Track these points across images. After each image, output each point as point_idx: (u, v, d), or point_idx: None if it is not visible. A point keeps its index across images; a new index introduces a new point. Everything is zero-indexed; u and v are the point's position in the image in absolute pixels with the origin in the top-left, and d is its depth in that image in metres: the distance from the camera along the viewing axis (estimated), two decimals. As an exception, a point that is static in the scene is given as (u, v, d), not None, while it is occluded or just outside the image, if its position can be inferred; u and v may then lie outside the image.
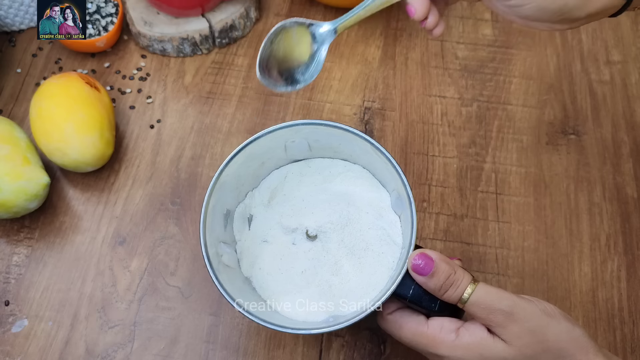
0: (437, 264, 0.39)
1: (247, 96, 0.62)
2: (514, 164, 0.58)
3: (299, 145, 0.47)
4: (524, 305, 0.38)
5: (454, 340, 0.39)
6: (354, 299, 0.43)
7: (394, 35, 0.66)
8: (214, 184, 0.43)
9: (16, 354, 0.50)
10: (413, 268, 0.39)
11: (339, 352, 0.50)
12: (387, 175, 0.44)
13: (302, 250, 0.46)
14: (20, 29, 0.66)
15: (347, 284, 0.44)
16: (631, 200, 0.56)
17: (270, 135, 0.44)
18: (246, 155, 0.45)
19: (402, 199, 0.43)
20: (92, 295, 0.52)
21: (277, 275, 0.45)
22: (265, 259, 0.46)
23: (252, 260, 0.46)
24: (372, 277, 0.44)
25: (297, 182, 0.48)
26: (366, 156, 0.45)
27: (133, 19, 0.64)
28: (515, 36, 0.65)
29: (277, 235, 0.47)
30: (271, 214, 0.48)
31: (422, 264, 0.39)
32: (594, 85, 0.62)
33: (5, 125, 0.54)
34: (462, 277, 0.39)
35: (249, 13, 0.65)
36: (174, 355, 0.50)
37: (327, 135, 0.45)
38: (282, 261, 0.46)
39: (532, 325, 0.38)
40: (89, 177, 0.58)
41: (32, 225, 0.55)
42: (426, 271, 0.39)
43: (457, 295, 0.39)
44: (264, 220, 0.48)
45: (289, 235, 0.47)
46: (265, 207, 0.48)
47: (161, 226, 0.55)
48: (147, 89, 0.63)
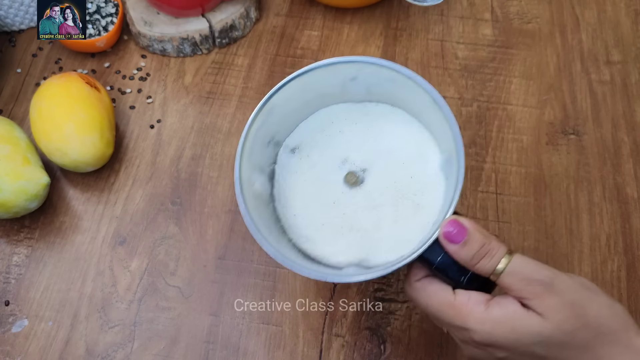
0: (471, 232, 0.36)
1: (247, 96, 0.62)
2: (514, 164, 0.58)
3: (358, 86, 0.45)
4: (563, 278, 0.36)
5: (483, 312, 0.36)
6: (385, 250, 0.42)
7: (394, 35, 0.66)
8: (262, 105, 0.41)
9: (16, 354, 0.50)
10: (445, 235, 0.37)
11: (339, 352, 0.50)
12: (443, 135, 0.42)
13: (342, 191, 0.44)
14: (20, 29, 0.66)
15: (381, 233, 0.42)
16: (631, 200, 0.56)
17: (329, 68, 0.42)
18: (301, 84, 0.43)
19: (451, 162, 0.41)
20: (92, 295, 0.52)
21: (312, 215, 0.44)
22: (303, 196, 0.45)
23: (287, 194, 0.45)
24: (407, 231, 0.42)
25: (349, 122, 0.46)
26: (426, 110, 0.43)
27: (133, 19, 0.64)
28: (515, 36, 0.65)
29: (320, 172, 0.45)
30: (317, 150, 0.46)
31: (455, 231, 0.36)
32: (594, 85, 0.62)
33: (5, 125, 0.54)
34: (498, 247, 0.36)
35: (249, 13, 0.65)
36: (174, 355, 0.50)
37: (387, 81, 0.43)
38: (320, 201, 0.44)
39: (572, 298, 0.35)
40: (89, 177, 0.58)
41: (32, 225, 0.55)
42: (458, 239, 0.36)
43: (492, 266, 0.36)
44: (309, 155, 0.46)
45: (332, 174, 0.45)
46: (312, 142, 0.46)
47: (161, 226, 0.55)
48: (147, 89, 0.63)
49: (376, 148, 0.45)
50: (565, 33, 0.65)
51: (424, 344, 0.50)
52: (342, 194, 0.44)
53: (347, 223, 0.43)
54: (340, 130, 0.46)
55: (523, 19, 0.66)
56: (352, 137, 0.46)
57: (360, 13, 0.67)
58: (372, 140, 0.46)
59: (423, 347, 0.50)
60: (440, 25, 0.66)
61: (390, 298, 0.52)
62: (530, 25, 0.66)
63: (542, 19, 0.66)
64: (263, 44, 0.65)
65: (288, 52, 0.65)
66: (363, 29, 0.66)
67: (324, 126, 0.47)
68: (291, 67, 0.64)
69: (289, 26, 0.67)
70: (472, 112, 0.61)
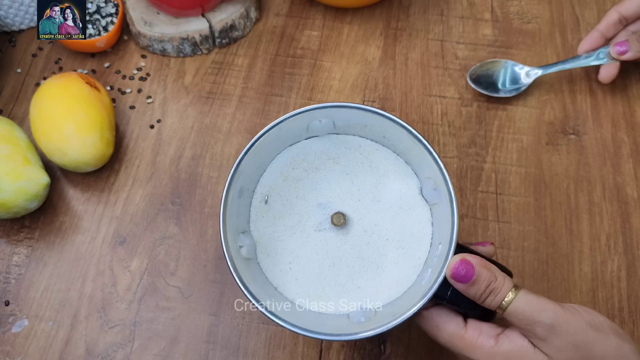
0: (478, 271, 0.37)
1: (247, 96, 0.62)
2: (514, 164, 0.58)
3: (325, 125, 0.44)
4: (567, 318, 0.36)
5: (493, 346, 0.37)
6: (381, 295, 0.42)
7: (394, 35, 0.66)
8: (232, 176, 0.40)
9: (16, 354, 0.50)
10: (453, 275, 0.37)
11: (339, 352, 0.50)
12: (420, 160, 0.42)
13: (323, 238, 0.43)
14: (20, 29, 0.66)
15: (372, 280, 0.42)
16: (631, 200, 0.56)
17: (294, 118, 0.41)
18: (267, 141, 0.42)
19: (439, 192, 0.40)
20: (92, 295, 0.52)
21: (297, 268, 0.43)
22: (284, 248, 0.43)
23: (269, 249, 0.43)
24: (398, 272, 0.42)
25: (319, 160, 0.45)
26: (399, 141, 0.43)
27: (133, 19, 0.64)
28: (515, 36, 0.65)
29: (296, 219, 0.44)
30: (290, 195, 0.44)
31: (463, 272, 0.37)
32: (594, 85, 0.62)
33: (5, 125, 0.54)
34: (503, 283, 0.37)
35: (249, 13, 0.65)
36: (174, 355, 0.50)
37: (356, 117, 0.42)
38: (306, 252, 0.43)
39: (576, 339, 0.35)
40: (89, 177, 0.58)
41: (32, 225, 0.55)
42: (467, 279, 0.37)
43: (497, 303, 0.37)
44: (283, 202, 0.44)
45: (309, 220, 0.44)
46: (284, 188, 0.44)
47: (161, 226, 0.55)
48: (147, 89, 0.63)
49: (352, 184, 0.44)
50: (565, 33, 0.65)
51: (424, 344, 0.50)
52: (327, 238, 0.43)
53: (339, 271, 0.43)
54: (316, 168, 0.45)
55: (523, 19, 0.66)
56: (326, 173, 0.45)
57: (360, 13, 0.67)
58: (347, 177, 0.45)
59: (423, 347, 0.50)
60: (440, 25, 0.66)
61: (390, 298, 0.52)
62: (530, 25, 0.66)
63: (542, 19, 0.66)
64: (263, 44, 0.65)
65: (288, 52, 0.65)
66: (363, 29, 0.66)
67: (295, 165, 0.45)
68: (291, 67, 0.64)
69: (289, 26, 0.67)
70: (472, 112, 0.61)
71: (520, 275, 0.52)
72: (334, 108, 0.41)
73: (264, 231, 0.44)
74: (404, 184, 0.44)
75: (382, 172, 0.44)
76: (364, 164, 0.45)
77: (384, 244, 0.43)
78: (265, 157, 0.44)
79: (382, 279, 0.42)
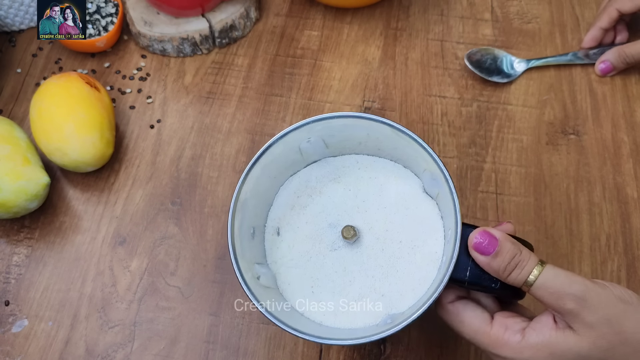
0: (502, 242, 0.35)
1: (247, 96, 0.62)
2: (514, 164, 0.58)
3: (315, 145, 0.45)
4: (597, 291, 0.34)
5: (520, 341, 0.35)
6: (406, 297, 0.41)
7: (394, 35, 0.66)
8: (234, 203, 0.41)
9: (16, 354, 0.50)
10: (475, 247, 0.36)
11: (339, 352, 0.50)
12: (415, 157, 0.42)
13: (339, 256, 0.43)
14: (20, 29, 0.66)
15: (394, 285, 0.42)
16: (631, 200, 0.56)
17: (283, 141, 0.42)
18: (262, 167, 0.42)
19: (436, 178, 0.41)
20: (92, 295, 0.52)
21: (320, 291, 0.43)
22: (303, 274, 0.44)
23: (289, 278, 0.44)
24: (418, 271, 0.42)
25: (321, 184, 0.46)
26: (387, 142, 0.43)
27: (133, 19, 0.64)
28: (515, 36, 0.65)
29: (310, 244, 0.44)
30: (300, 222, 0.45)
31: (486, 242, 0.36)
32: (594, 85, 0.62)
33: (5, 125, 0.54)
34: (528, 257, 0.36)
35: (249, 13, 0.65)
36: (174, 355, 0.50)
37: (341, 128, 0.43)
38: (320, 273, 0.43)
39: (607, 313, 0.34)
40: (89, 177, 0.58)
41: (32, 225, 0.55)
42: (490, 250, 0.35)
43: (522, 278, 0.35)
44: (295, 230, 0.45)
45: (322, 242, 0.44)
46: (293, 217, 0.45)
47: (161, 226, 0.55)
48: (147, 89, 0.63)
49: (357, 198, 0.45)
50: (565, 33, 0.65)
51: (424, 344, 0.50)
52: (342, 255, 0.43)
53: (360, 283, 0.43)
54: (319, 192, 0.46)
55: (523, 19, 0.66)
56: (330, 194, 0.45)
57: (360, 13, 0.67)
58: (350, 192, 0.45)
59: (423, 347, 0.50)
60: (440, 25, 0.66)
61: (390, 298, 0.52)
62: (530, 25, 0.66)
63: (542, 19, 0.66)
64: (263, 44, 0.65)
65: (288, 52, 0.65)
66: (363, 29, 0.66)
67: (299, 192, 0.46)
68: (291, 67, 0.64)
69: (289, 26, 0.67)
70: (472, 112, 0.61)
71: (520, 275, 0.52)
72: (314, 122, 0.42)
73: (281, 262, 0.44)
74: (406, 185, 0.44)
75: (382, 179, 0.45)
76: (364, 177, 0.46)
77: (399, 247, 0.43)
78: (269, 191, 0.45)
79: (403, 281, 0.42)
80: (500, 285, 0.37)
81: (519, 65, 0.62)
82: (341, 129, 0.43)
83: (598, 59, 0.62)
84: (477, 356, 0.49)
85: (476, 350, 0.49)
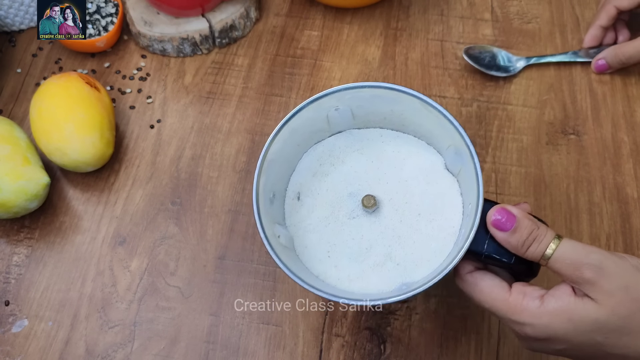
0: (520, 219, 0.36)
1: (247, 96, 0.62)
2: (514, 164, 0.58)
3: (343, 114, 0.45)
4: (614, 260, 0.35)
5: (539, 307, 0.36)
6: (420, 268, 0.42)
7: (394, 35, 0.66)
8: (261, 162, 0.42)
9: (16, 354, 0.50)
10: (494, 223, 0.37)
11: (339, 352, 0.50)
12: (440, 133, 0.43)
13: (357, 224, 0.44)
14: (20, 29, 0.66)
15: (410, 255, 0.43)
16: (631, 200, 0.56)
17: (313, 106, 0.43)
18: (290, 130, 0.43)
19: (461, 154, 0.41)
20: (92, 295, 0.52)
21: (338, 257, 0.44)
22: (320, 238, 0.44)
23: (306, 241, 0.45)
24: (434, 243, 0.42)
25: (344, 154, 0.47)
26: (413, 117, 0.44)
27: (133, 19, 0.64)
28: (515, 36, 0.65)
29: (332, 210, 0.45)
30: (321, 189, 0.46)
31: (504, 219, 0.36)
32: (594, 85, 0.62)
33: (5, 125, 0.54)
34: (546, 232, 0.37)
35: (249, 13, 0.65)
36: (174, 355, 0.50)
37: (370, 99, 0.44)
38: (341, 239, 0.44)
39: (625, 281, 0.34)
40: (89, 177, 0.58)
41: (32, 225, 0.55)
42: (508, 226, 0.36)
43: (540, 252, 0.36)
44: (315, 196, 0.46)
45: (341, 209, 0.45)
46: (314, 183, 0.46)
47: (161, 226, 0.55)
48: (147, 89, 0.63)
49: (378, 170, 0.46)
50: (565, 33, 0.65)
51: (424, 344, 0.50)
52: (360, 224, 0.44)
53: (376, 252, 0.43)
54: (342, 161, 0.47)
55: (523, 19, 0.66)
56: (352, 164, 0.46)
57: (360, 13, 0.67)
58: (373, 164, 0.46)
59: (423, 347, 0.50)
60: (440, 25, 0.66)
61: (390, 298, 0.52)
62: (530, 25, 0.66)
63: (542, 19, 0.66)
64: (263, 44, 0.65)
65: (288, 52, 0.65)
66: (363, 29, 0.66)
67: (322, 160, 0.47)
68: (291, 67, 0.64)
69: (289, 26, 0.67)
70: (472, 112, 0.61)
71: (520, 275, 0.53)
72: (345, 91, 0.43)
73: (299, 225, 0.45)
74: (427, 160, 0.45)
75: (405, 154, 0.46)
76: (387, 150, 0.46)
77: (417, 219, 0.44)
78: (293, 157, 0.46)
79: (419, 252, 0.43)
80: (515, 259, 0.38)
81: (519, 62, 0.63)
82: (370, 99, 0.44)
83: (595, 57, 0.62)
84: (477, 356, 0.49)
85: (476, 350, 0.49)
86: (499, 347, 0.50)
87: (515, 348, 0.49)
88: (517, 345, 0.49)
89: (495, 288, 0.38)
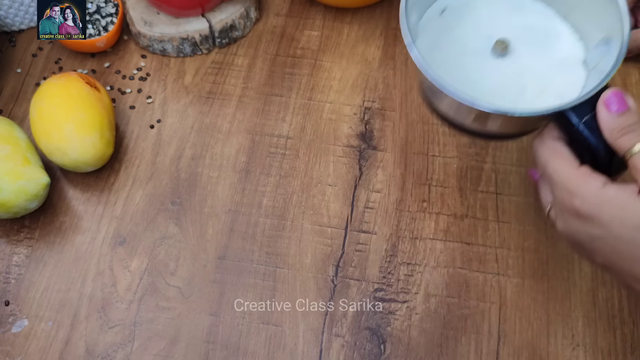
0: (632, 107, 0.37)
1: (247, 96, 0.62)
2: (514, 164, 0.58)
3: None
4: None
5: (600, 188, 0.37)
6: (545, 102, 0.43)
7: (394, 35, 0.66)
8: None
9: (16, 354, 0.50)
10: (605, 101, 0.38)
11: (339, 352, 0.50)
12: (597, 20, 0.43)
13: (488, 61, 0.45)
14: (20, 29, 0.66)
15: (532, 94, 0.44)
16: (631, 200, 0.56)
17: None
18: None
19: (611, 43, 0.41)
20: (92, 295, 0.52)
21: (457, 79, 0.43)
22: (446, 57, 0.45)
23: (430, 57, 0.44)
24: (557, 100, 0.42)
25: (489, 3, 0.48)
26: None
27: (133, 19, 0.64)
28: (515, 36, 0.65)
29: (465, 39, 0.46)
30: (464, 17, 0.47)
31: (617, 100, 0.37)
32: (594, 85, 0.62)
33: (5, 125, 0.54)
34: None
35: (249, 13, 0.65)
36: (174, 355, 0.50)
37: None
38: (465, 67, 0.45)
39: None
40: (89, 177, 0.58)
41: (32, 225, 0.55)
42: (617, 108, 0.37)
43: (631, 144, 0.37)
44: (455, 21, 0.47)
45: (469, 47, 0.46)
46: (461, 11, 0.47)
47: (161, 226, 0.55)
48: (147, 89, 0.63)
49: (518, 29, 0.46)
50: (565, 33, 0.65)
51: (424, 344, 0.50)
52: (489, 63, 0.45)
53: (496, 89, 0.44)
54: (494, 2, 0.47)
55: (523, 19, 0.66)
56: (496, 15, 0.47)
57: (360, 13, 0.67)
58: (516, 17, 0.47)
59: (423, 347, 0.50)
60: (440, 25, 0.66)
61: (390, 298, 0.52)
62: (530, 25, 0.66)
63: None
64: (263, 44, 0.65)
65: (288, 52, 0.65)
66: (363, 29, 0.66)
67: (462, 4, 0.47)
68: (291, 67, 0.64)
69: (289, 26, 0.67)
70: (472, 112, 0.61)
71: (520, 275, 0.52)
72: None
73: (429, 39, 0.46)
74: (569, 47, 0.45)
75: (546, 29, 0.46)
76: (531, 19, 0.47)
77: (547, 69, 0.44)
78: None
79: (545, 93, 0.44)
80: (603, 146, 0.38)
81: None
82: None
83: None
84: (477, 356, 0.49)
85: (476, 350, 0.49)
86: (499, 347, 0.50)
87: (516, 348, 0.49)
88: (517, 345, 0.49)
89: (569, 158, 0.39)
